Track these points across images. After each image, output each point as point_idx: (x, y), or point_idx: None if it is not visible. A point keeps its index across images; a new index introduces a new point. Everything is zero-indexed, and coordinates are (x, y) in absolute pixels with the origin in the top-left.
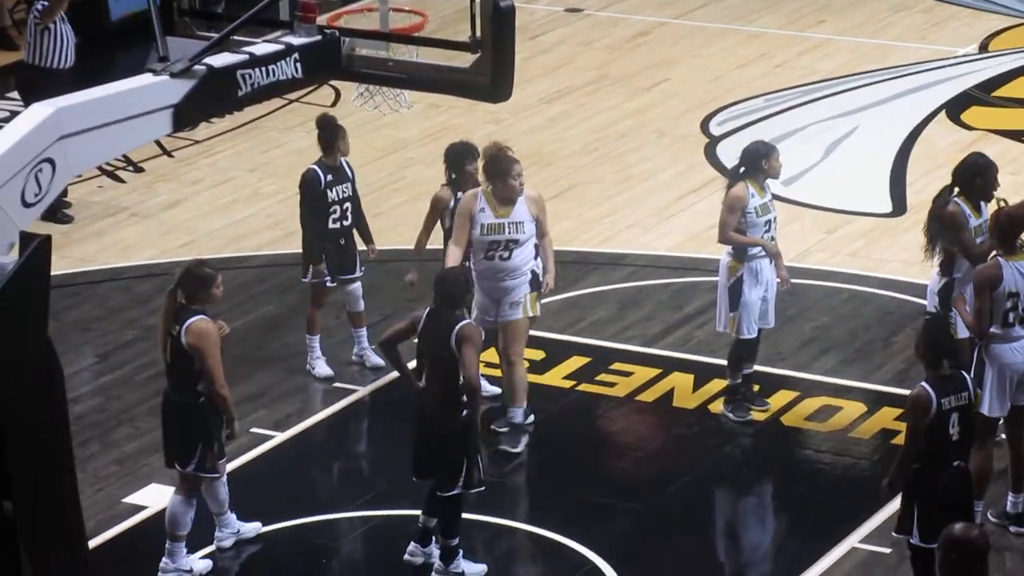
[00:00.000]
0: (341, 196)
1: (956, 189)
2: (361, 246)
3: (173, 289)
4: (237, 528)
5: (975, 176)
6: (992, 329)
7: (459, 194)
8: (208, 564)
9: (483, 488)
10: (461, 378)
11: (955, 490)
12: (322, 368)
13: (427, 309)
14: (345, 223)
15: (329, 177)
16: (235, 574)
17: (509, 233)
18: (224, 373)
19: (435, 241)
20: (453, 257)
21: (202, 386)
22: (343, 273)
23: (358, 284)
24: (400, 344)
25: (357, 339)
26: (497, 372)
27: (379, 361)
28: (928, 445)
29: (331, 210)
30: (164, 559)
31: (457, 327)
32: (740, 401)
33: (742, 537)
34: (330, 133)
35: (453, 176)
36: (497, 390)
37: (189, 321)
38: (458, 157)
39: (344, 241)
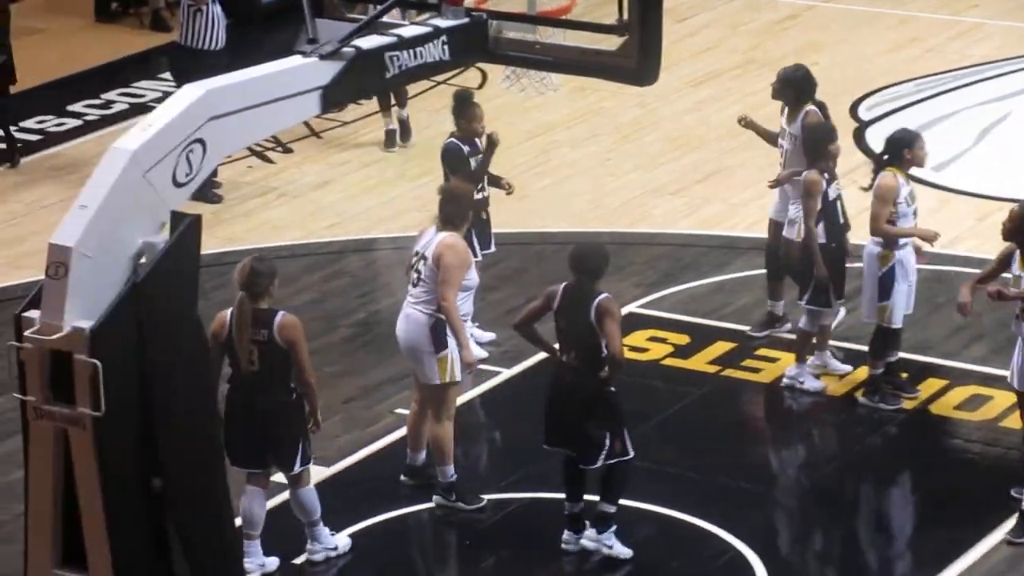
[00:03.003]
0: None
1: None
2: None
3: (243, 296)
4: (333, 544)
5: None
6: None
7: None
8: (348, 542)
9: (631, 456)
10: (603, 350)
11: None
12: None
13: (561, 285)
14: (484, 194)
15: (467, 148)
16: (374, 555)
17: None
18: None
19: None
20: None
21: (294, 381)
22: (484, 248)
23: None
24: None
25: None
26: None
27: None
28: None
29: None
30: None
31: (596, 300)
32: (889, 389)
33: (887, 527)
34: (468, 106)
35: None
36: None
37: (278, 319)
38: (825, 136)
39: (484, 215)
